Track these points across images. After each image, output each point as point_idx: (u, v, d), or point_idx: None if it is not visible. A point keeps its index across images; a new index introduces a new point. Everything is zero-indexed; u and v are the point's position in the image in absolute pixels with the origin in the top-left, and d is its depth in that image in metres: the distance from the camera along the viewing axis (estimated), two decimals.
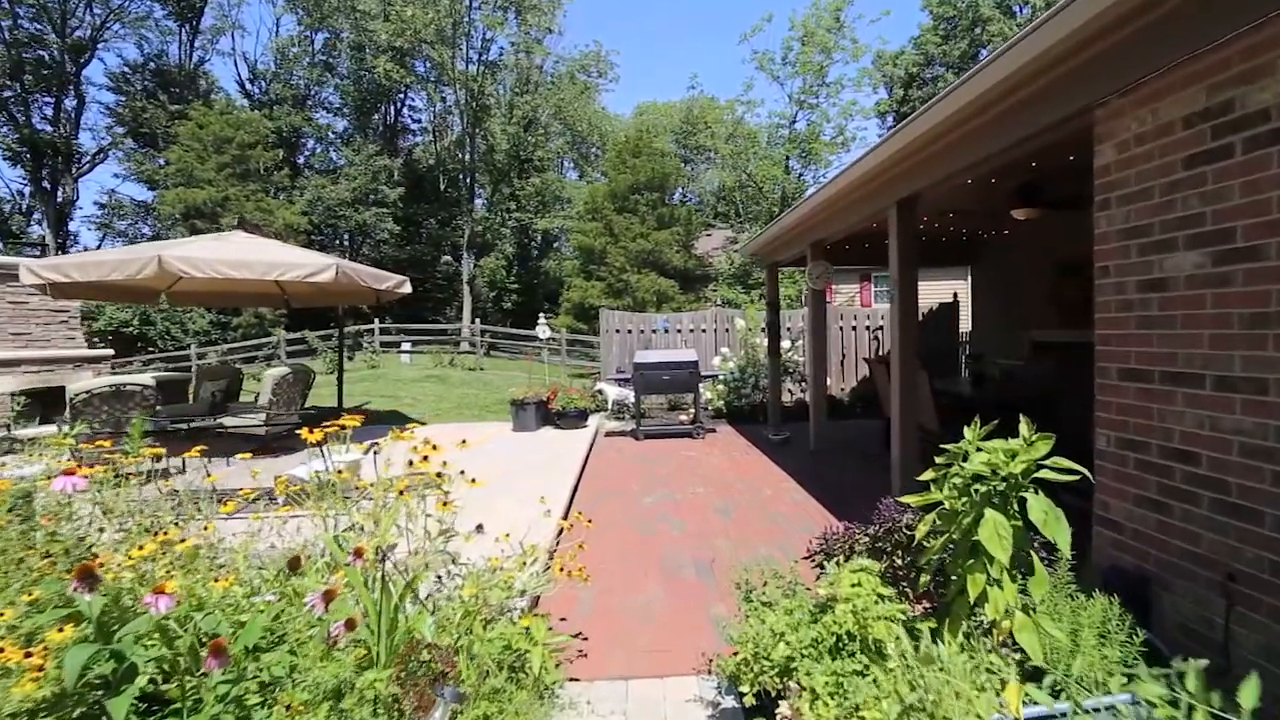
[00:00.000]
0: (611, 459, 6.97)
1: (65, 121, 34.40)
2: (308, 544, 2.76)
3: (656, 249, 22.81)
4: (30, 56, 32.45)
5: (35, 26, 32.67)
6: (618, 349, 11.97)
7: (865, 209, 5.25)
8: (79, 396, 5.31)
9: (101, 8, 34.24)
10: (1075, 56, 2.65)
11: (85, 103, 35.04)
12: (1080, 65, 2.68)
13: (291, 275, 6.51)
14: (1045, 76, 2.85)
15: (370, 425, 10.02)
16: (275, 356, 21.65)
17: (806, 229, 6.75)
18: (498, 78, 33.69)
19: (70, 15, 33.26)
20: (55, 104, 33.68)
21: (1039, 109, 2.99)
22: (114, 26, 34.99)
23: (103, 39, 34.80)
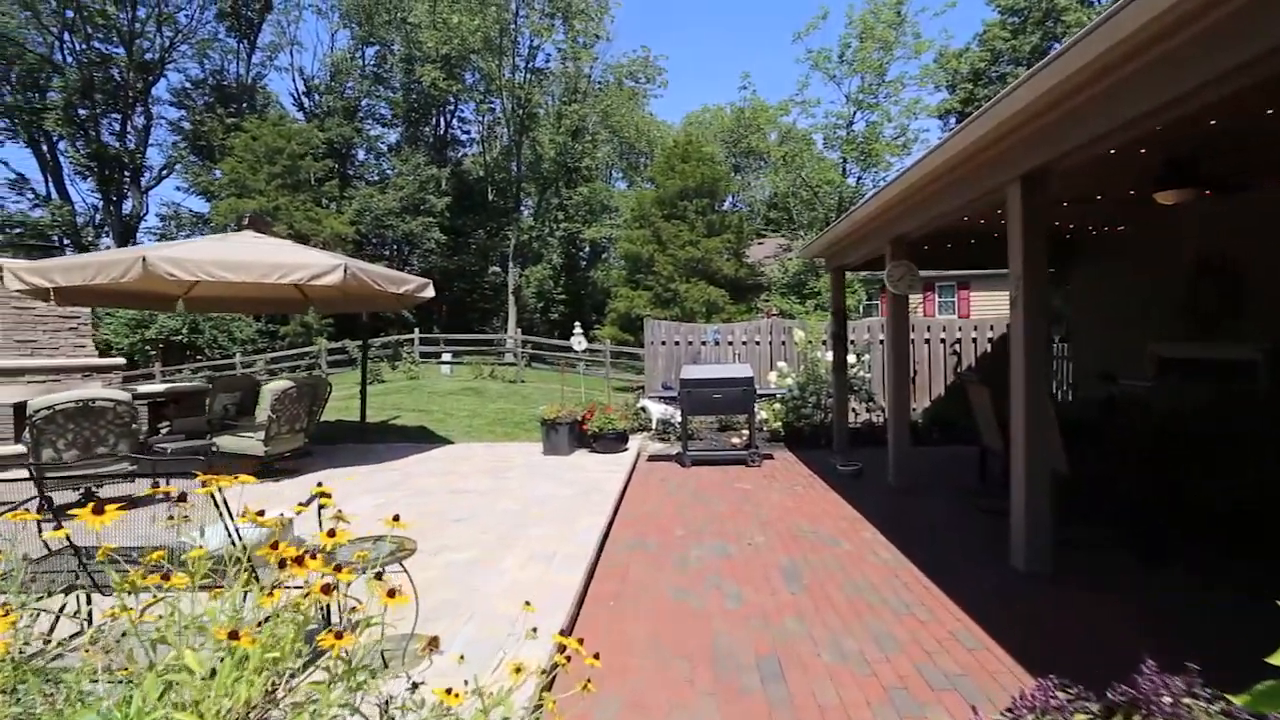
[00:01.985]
0: (653, 491, 5.98)
1: (134, 138, 35.73)
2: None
3: (706, 257, 21.83)
4: (100, 76, 33.80)
5: (105, 48, 34.07)
6: (664, 362, 11.00)
7: (969, 190, 4.16)
8: (39, 414, 4.65)
9: (170, 29, 35.49)
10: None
11: (153, 120, 36.38)
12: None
13: (295, 277, 5.80)
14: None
15: (394, 443, 9.33)
16: (316, 365, 21.50)
17: (886, 221, 5.68)
18: (545, 86, 33.41)
19: (139, 36, 34.54)
20: (123, 121, 34.94)
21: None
22: (181, 47, 36.26)
23: (170, 59, 36.09)
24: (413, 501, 5.21)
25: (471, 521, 4.51)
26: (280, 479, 6.30)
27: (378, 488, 5.79)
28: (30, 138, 34.46)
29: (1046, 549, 3.60)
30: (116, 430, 4.98)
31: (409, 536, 2.54)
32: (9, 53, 32.21)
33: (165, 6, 34.64)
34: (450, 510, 4.87)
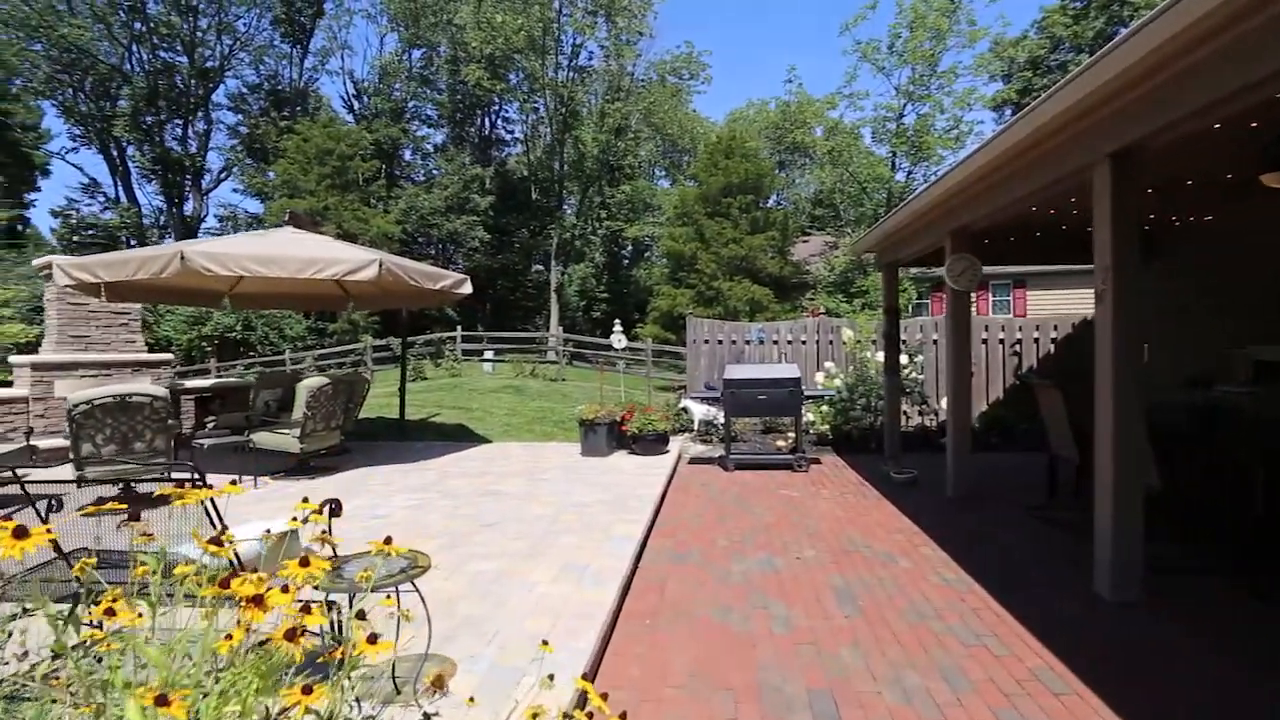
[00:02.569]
0: (694, 498, 5.70)
1: (195, 142, 37.16)
2: None
3: (750, 255, 21.38)
4: (165, 84, 35.21)
5: (169, 57, 35.47)
6: (706, 361, 10.69)
7: (1046, 172, 3.76)
8: (78, 408, 4.65)
9: (229, 37, 36.75)
10: None
11: (213, 124, 37.78)
12: None
13: (330, 272, 5.72)
14: None
15: (431, 441, 9.26)
16: (362, 362, 21.85)
17: (947, 211, 5.27)
18: (588, 84, 33.36)
19: (200, 45, 35.84)
20: (184, 126, 36.34)
21: None
22: (240, 54, 37.52)
23: (229, 66, 37.39)
24: (445, 504, 5.05)
25: (502, 527, 4.31)
26: (316, 476, 6.24)
27: (412, 488, 5.66)
28: (102, 144, 36.17)
29: (1136, 574, 3.19)
30: (153, 426, 4.96)
31: (423, 552, 2.32)
32: (84, 64, 33.86)
33: (225, 16, 35.89)
34: (482, 514, 4.69)
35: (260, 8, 36.32)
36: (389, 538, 1.55)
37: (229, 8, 35.74)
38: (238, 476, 6.04)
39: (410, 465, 6.85)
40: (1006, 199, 4.39)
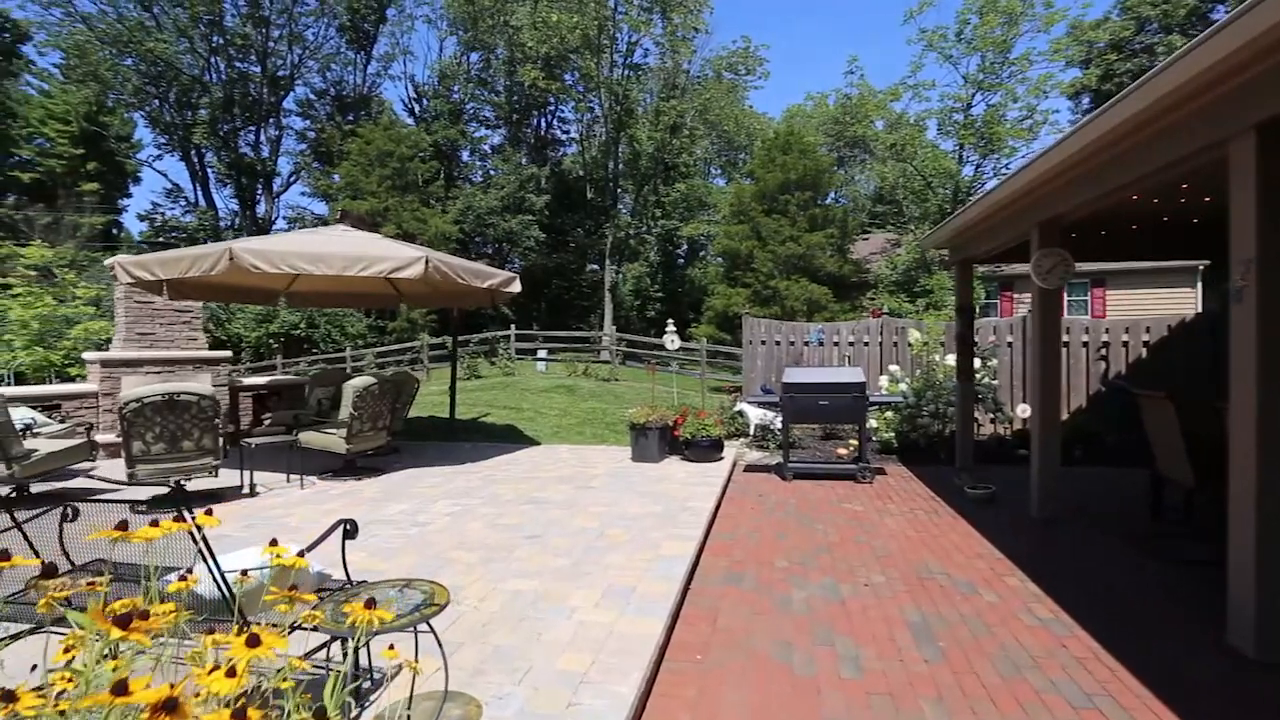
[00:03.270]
0: (750, 510, 5.33)
1: (266, 147, 38.81)
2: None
3: (808, 253, 20.74)
4: (239, 92, 36.86)
5: (243, 66, 37.12)
6: (763, 363, 10.28)
7: (1167, 150, 3.26)
8: (129, 406, 4.64)
9: (299, 47, 38.20)
10: None
11: (283, 130, 39.38)
12: None
13: (376, 269, 5.61)
14: None
15: (480, 442, 9.15)
16: (419, 360, 22.20)
17: (1036, 200, 4.74)
18: (643, 82, 33.16)
19: (272, 55, 37.38)
20: (257, 132, 37.97)
21: None
22: (308, 62, 38.97)
23: (299, 74, 38.89)
24: (487, 512, 4.84)
25: (544, 541, 4.06)
26: (363, 477, 6.16)
27: (455, 493, 5.49)
28: (183, 151, 38.20)
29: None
30: (201, 425, 4.93)
31: (441, 585, 2.05)
32: (168, 76, 35.81)
33: (295, 26, 37.32)
34: (524, 524, 4.46)
35: (327, 17, 37.61)
36: (407, 584, 1.28)
37: (299, 18, 37.17)
38: (285, 476, 6.02)
39: (457, 468, 6.71)
40: (1109, 186, 3.87)
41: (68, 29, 34.85)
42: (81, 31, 34.55)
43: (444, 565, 3.61)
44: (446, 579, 3.38)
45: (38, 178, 33.26)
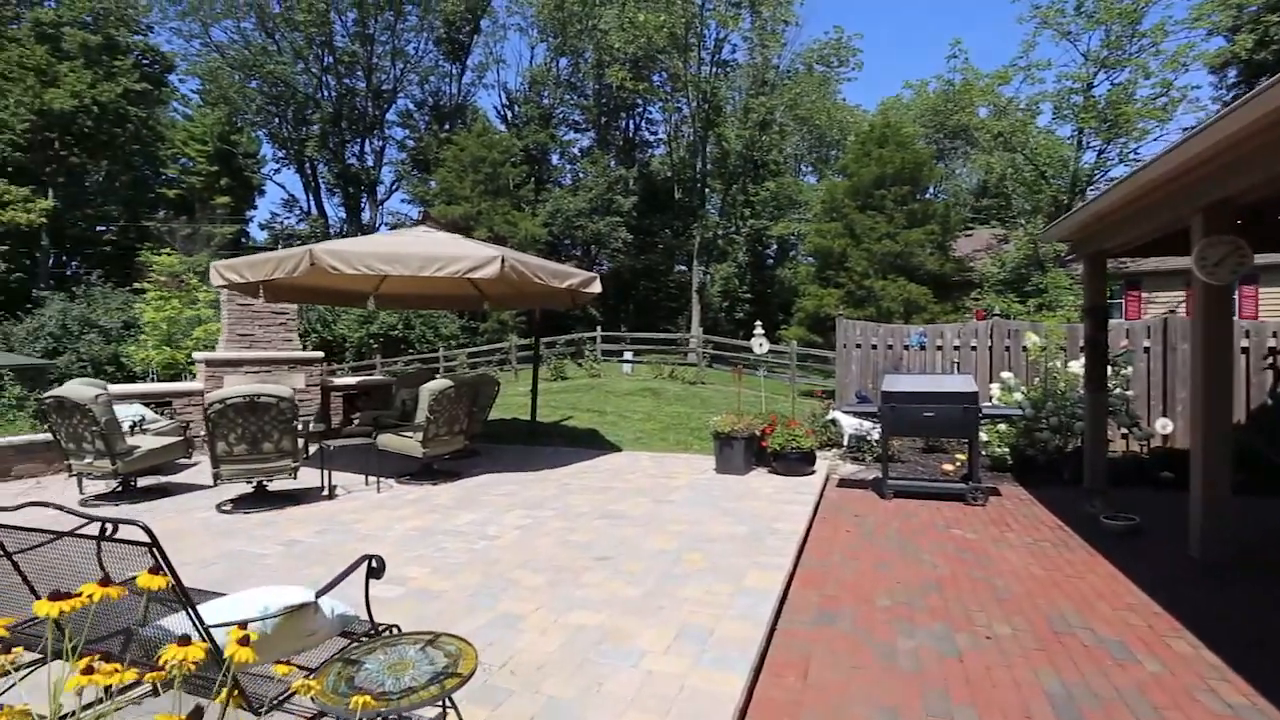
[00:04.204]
0: (845, 533, 4.81)
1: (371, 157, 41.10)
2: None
3: (906, 251, 19.55)
4: (347, 107, 39.19)
5: (350, 82, 39.44)
6: (858, 368, 9.60)
7: None
8: (213, 408, 4.72)
9: (401, 61, 40.20)
10: None
11: (386, 141, 41.57)
12: None
13: (452, 270, 5.50)
14: None
15: (560, 447, 8.97)
16: (507, 361, 22.64)
17: (1199, 180, 3.98)
18: (731, 79, 32.54)
19: (376, 70, 39.52)
20: (362, 143, 40.23)
21: None
22: (409, 75, 40.95)
23: (401, 87, 40.94)
24: (559, 526, 4.59)
25: (616, 564, 3.74)
26: (439, 481, 6.08)
27: (528, 503, 5.29)
28: (298, 163, 41.09)
29: None
30: (280, 427, 4.96)
31: (470, 645, 1.74)
32: (286, 95, 38.64)
33: (398, 42, 39.29)
34: (596, 543, 4.16)
35: (426, 31, 39.34)
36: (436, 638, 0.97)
37: (401, 34, 39.08)
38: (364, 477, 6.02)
39: (533, 474, 6.54)
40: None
41: (204, 58, 38.32)
42: (215, 59, 37.86)
43: (506, 588, 3.36)
44: (507, 605, 3.13)
45: (181, 193, 36.86)
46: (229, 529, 4.55)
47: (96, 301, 25.18)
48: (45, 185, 33.20)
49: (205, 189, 36.96)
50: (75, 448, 5.34)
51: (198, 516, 4.90)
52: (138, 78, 34.96)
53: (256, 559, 3.88)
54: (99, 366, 23.13)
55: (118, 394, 7.17)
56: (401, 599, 3.23)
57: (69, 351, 24.06)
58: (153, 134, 36.52)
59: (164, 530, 4.61)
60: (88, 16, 33.94)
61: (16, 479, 6.43)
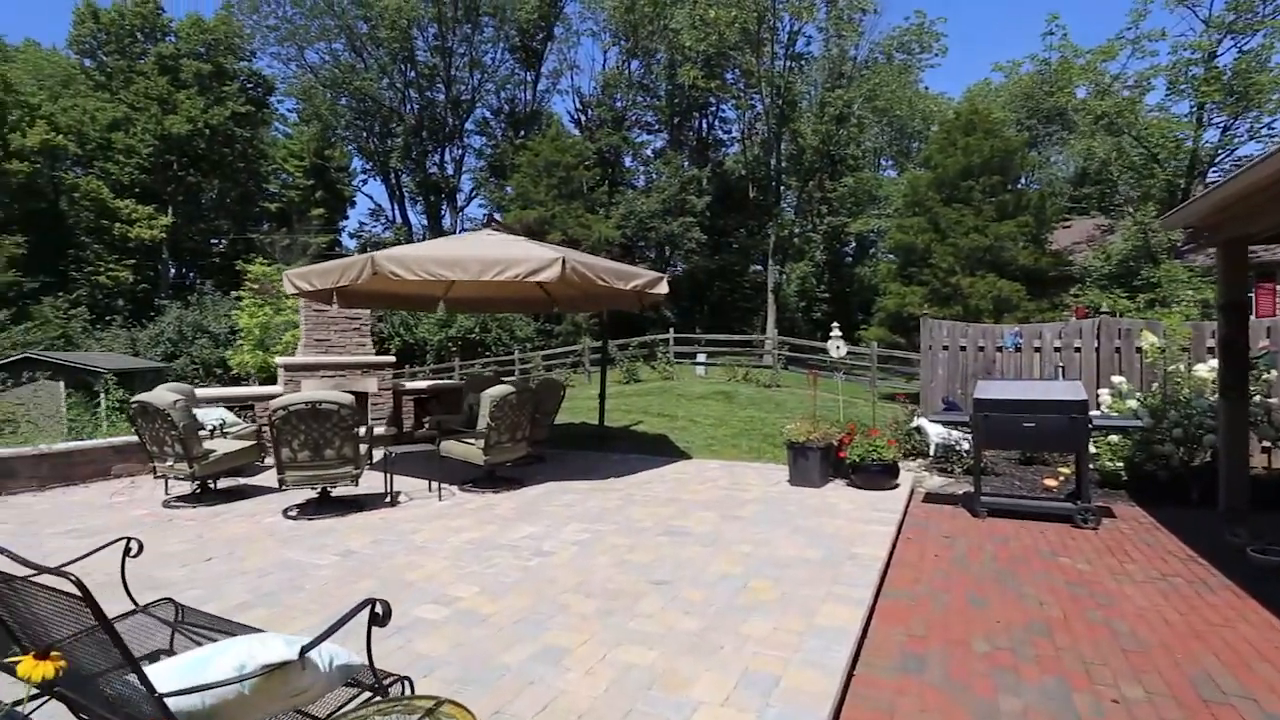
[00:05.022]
0: (933, 558, 4.33)
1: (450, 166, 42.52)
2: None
3: (996, 245, 18.33)
4: (428, 118, 40.68)
5: (430, 94, 40.93)
6: (944, 372, 8.91)
7: None
8: (277, 414, 4.75)
9: (479, 71, 41.39)
10: None
11: (465, 149, 42.92)
12: None
13: (512, 273, 5.37)
14: None
15: (628, 453, 8.72)
16: (580, 364, 22.71)
17: None
18: (806, 73, 31.60)
19: (455, 81, 40.83)
20: (442, 153, 41.64)
21: None
22: (487, 85, 42.11)
23: (479, 97, 42.16)
24: (618, 542, 4.33)
25: (675, 590, 3.44)
26: (501, 489, 5.96)
27: (590, 514, 5.07)
28: (383, 174, 43.04)
29: None
30: (341, 433, 4.95)
31: (472, 713, 1.47)
32: (372, 110, 40.57)
33: (475, 53, 40.46)
34: (656, 564, 3.88)
35: (503, 42, 40.31)
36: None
37: (478, 45, 40.23)
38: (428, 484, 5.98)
39: (597, 483, 6.33)
40: None
41: (299, 79, 40.78)
42: (309, 79, 40.20)
43: (555, 614, 3.13)
44: (554, 635, 2.89)
45: (281, 206, 39.50)
46: (290, 536, 4.55)
47: (208, 309, 27.14)
48: (165, 203, 36.30)
49: (302, 202, 39.42)
50: (158, 450, 5.54)
51: (265, 522, 4.96)
52: (243, 101, 37.68)
53: (310, 570, 3.82)
54: (209, 369, 24.90)
55: (204, 397, 7.49)
56: (446, 622, 3.05)
57: (184, 355, 26.05)
58: (256, 152, 39.25)
59: (230, 535, 4.71)
60: (201, 48, 36.80)
61: (115, 478, 6.79)
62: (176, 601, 2.23)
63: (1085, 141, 24.42)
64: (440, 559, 4.01)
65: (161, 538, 4.59)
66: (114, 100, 35.25)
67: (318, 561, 3.98)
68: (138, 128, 34.81)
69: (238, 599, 3.39)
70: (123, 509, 5.54)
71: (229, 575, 3.76)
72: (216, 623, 2.14)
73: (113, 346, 27.99)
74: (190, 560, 4.06)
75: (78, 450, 6.65)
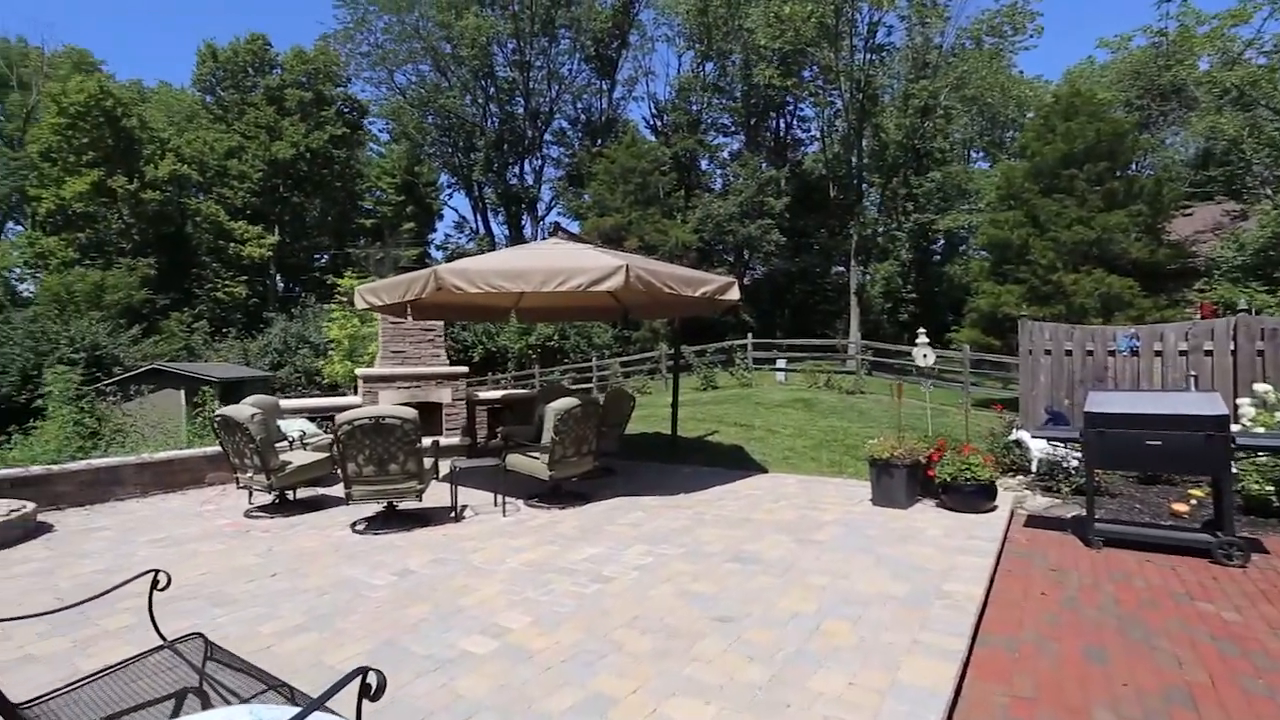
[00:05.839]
0: (1040, 601, 3.79)
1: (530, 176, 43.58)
2: None
3: (1104, 237, 16.81)
4: (507, 130, 41.87)
5: (509, 108, 42.11)
6: (1047, 379, 8.13)
7: None
8: (342, 429, 4.78)
9: (556, 84, 42.27)
10: None
11: (544, 160, 43.90)
12: None
13: (574, 283, 5.22)
14: None
15: (700, 466, 8.40)
16: (657, 370, 22.56)
17: None
18: (888, 65, 30.28)
19: (534, 94, 41.83)
20: (521, 164, 42.73)
21: None
22: (564, 96, 42.92)
23: (557, 108, 43.04)
24: (682, 569, 4.06)
25: (739, 629, 3.13)
26: (567, 505, 5.82)
27: (654, 536, 4.82)
28: (466, 187, 44.62)
29: None
30: (405, 448, 4.94)
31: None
32: (456, 126, 42.19)
33: (552, 65, 41.34)
34: (721, 596, 3.58)
35: (579, 52, 40.98)
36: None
37: (555, 57, 41.08)
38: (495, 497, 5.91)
39: (666, 499, 6.08)
40: None
41: (389, 100, 43.02)
42: (398, 100, 42.32)
43: (607, 654, 2.89)
44: (603, 680, 2.66)
45: (375, 222, 41.84)
46: (354, 552, 4.55)
47: (309, 320, 28.87)
48: (273, 223, 39.19)
49: (394, 216, 41.56)
50: (239, 462, 5.74)
51: (333, 536, 5.00)
52: (340, 124, 40.13)
53: (366, 591, 3.77)
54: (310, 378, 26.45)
55: (287, 409, 7.77)
56: (491, 658, 2.88)
57: (288, 364, 27.81)
58: (352, 172, 41.75)
59: (299, 549, 4.76)
60: (303, 77, 39.50)
61: (209, 485, 7.14)
62: (206, 638, 2.14)
63: (1209, 119, 22.06)
64: (496, 582, 3.87)
65: (237, 550, 4.71)
66: (229, 131, 38.42)
67: (375, 581, 3.92)
68: (249, 154, 37.78)
69: (293, 620, 3.36)
70: (209, 518, 5.76)
71: (289, 593, 3.76)
72: (241, 664, 2.03)
73: (227, 357, 30.25)
74: (257, 575, 4.11)
75: (176, 459, 7.03)
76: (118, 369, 21.10)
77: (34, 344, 21.04)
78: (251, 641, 3.12)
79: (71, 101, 31.95)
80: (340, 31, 40.85)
